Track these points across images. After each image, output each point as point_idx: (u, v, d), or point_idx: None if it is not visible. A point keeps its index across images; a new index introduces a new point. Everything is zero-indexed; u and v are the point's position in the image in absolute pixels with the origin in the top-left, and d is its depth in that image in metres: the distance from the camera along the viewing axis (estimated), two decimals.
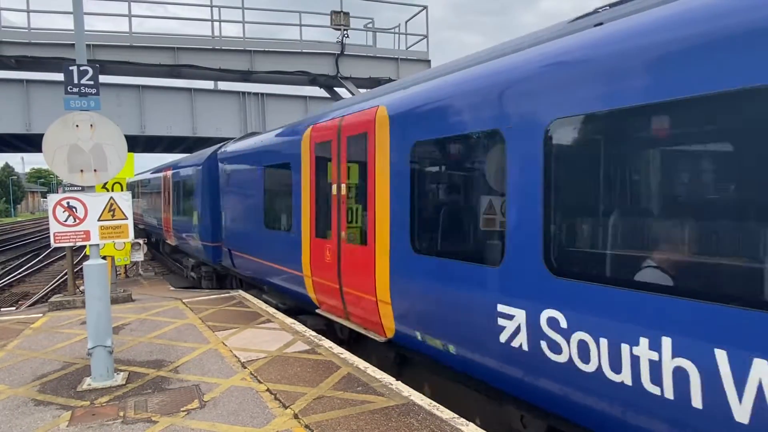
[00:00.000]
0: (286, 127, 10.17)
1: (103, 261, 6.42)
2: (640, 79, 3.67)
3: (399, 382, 5.97)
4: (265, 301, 10.79)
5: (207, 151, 15.03)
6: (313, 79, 21.15)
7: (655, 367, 3.47)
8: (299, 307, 9.63)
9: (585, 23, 4.62)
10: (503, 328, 4.64)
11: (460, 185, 5.65)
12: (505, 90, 4.76)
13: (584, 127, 4.16)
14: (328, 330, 8.74)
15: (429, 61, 21.86)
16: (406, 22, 21.43)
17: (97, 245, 6.39)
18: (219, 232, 13.57)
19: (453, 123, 5.41)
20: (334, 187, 7.60)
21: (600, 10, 4.70)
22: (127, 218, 6.40)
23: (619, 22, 4.09)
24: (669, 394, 3.41)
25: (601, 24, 4.34)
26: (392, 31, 21.86)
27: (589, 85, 4.02)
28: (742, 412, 3.04)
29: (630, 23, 3.95)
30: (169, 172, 19.36)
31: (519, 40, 5.49)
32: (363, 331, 7.17)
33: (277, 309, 9.96)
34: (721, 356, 3.15)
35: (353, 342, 8.19)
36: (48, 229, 6.81)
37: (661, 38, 3.58)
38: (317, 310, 8.51)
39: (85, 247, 7.22)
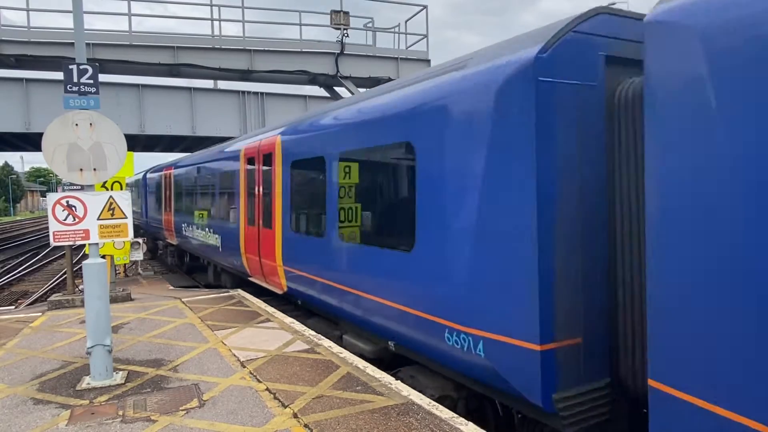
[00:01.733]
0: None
1: (103, 260, 6.41)
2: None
3: (398, 381, 5.97)
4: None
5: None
6: (312, 79, 21.14)
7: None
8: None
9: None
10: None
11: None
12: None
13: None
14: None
15: (429, 61, 21.86)
16: (406, 22, 21.43)
17: (97, 244, 6.39)
18: None
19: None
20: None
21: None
22: (126, 217, 6.40)
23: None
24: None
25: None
26: (392, 30, 21.86)
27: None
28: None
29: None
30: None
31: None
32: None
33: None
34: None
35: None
36: (47, 228, 6.80)
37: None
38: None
39: (84, 246, 7.20)
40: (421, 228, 5.51)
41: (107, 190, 10.31)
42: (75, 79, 6.16)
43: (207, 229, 14.15)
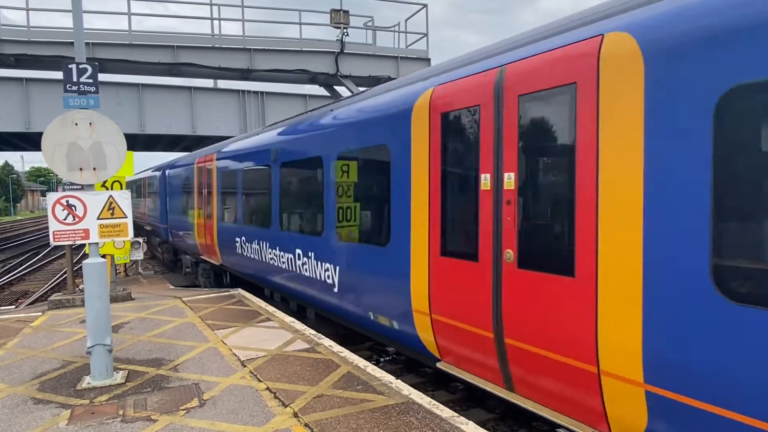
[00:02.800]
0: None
1: (103, 259, 6.41)
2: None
3: (399, 380, 5.97)
4: None
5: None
6: (312, 78, 21.13)
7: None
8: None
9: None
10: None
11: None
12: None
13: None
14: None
15: (429, 60, 21.85)
16: (406, 21, 21.41)
17: (97, 244, 6.38)
18: None
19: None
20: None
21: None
22: (126, 216, 6.39)
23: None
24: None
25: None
26: (392, 29, 21.85)
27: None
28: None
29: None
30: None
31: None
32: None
33: None
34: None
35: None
36: (47, 227, 6.81)
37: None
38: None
39: (84, 245, 7.20)
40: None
41: (107, 189, 10.31)
42: (74, 79, 6.15)
43: (306, 249, 8.71)
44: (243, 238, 11.63)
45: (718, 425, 3.30)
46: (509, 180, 4.77)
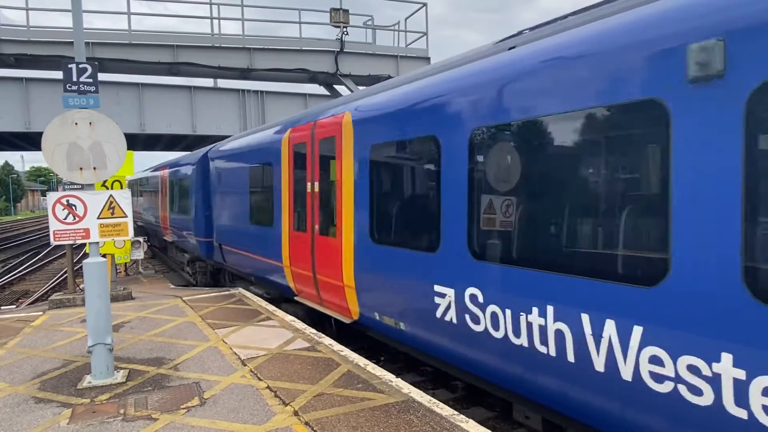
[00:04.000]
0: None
1: (103, 259, 6.42)
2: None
3: (399, 379, 5.98)
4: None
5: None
6: (312, 77, 21.13)
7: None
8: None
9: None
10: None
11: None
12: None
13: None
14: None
15: (428, 59, 21.85)
16: (406, 20, 21.41)
17: (97, 243, 6.39)
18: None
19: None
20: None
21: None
22: (126, 216, 6.40)
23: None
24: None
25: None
26: (392, 28, 21.85)
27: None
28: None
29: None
30: None
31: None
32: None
33: None
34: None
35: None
36: (48, 227, 6.80)
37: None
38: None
39: (85, 245, 7.21)
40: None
41: (107, 189, 10.33)
42: (74, 78, 6.16)
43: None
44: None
45: None
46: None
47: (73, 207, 6.16)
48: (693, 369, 3.31)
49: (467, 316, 5.07)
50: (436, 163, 5.57)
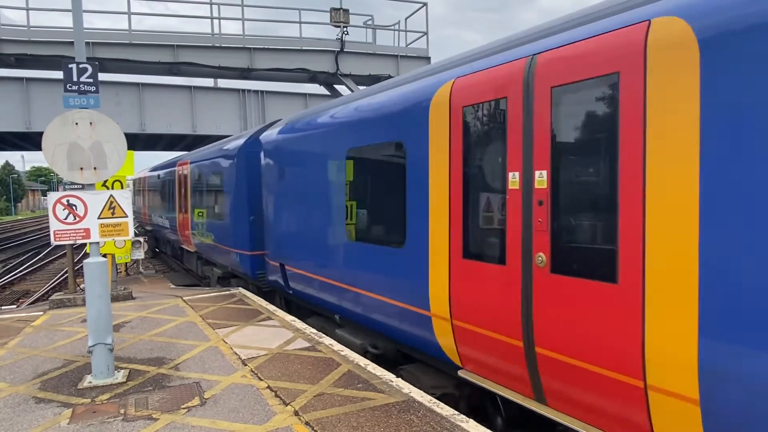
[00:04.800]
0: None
1: (104, 259, 6.42)
2: None
3: (399, 379, 5.98)
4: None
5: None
6: (312, 77, 21.12)
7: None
8: None
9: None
10: None
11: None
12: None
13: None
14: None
15: (429, 58, 21.85)
16: (406, 19, 21.40)
17: (98, 243, 6.39)
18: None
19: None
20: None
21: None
22: (127, 216, 6.40)
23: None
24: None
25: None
26: (392, 28, 21.83)
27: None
28: None
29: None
30: None
31: None
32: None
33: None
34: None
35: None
36: (48, 227, 6.80)
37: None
38: None
39: (85, 245, 7.21)
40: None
41: (108, 189, 10.33)
42: (75, 78, 6.16)
43: None
44: None
45: None
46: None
47: (74, 207, 6.16)
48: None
49: None
50: None
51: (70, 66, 6.16)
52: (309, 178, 8.54)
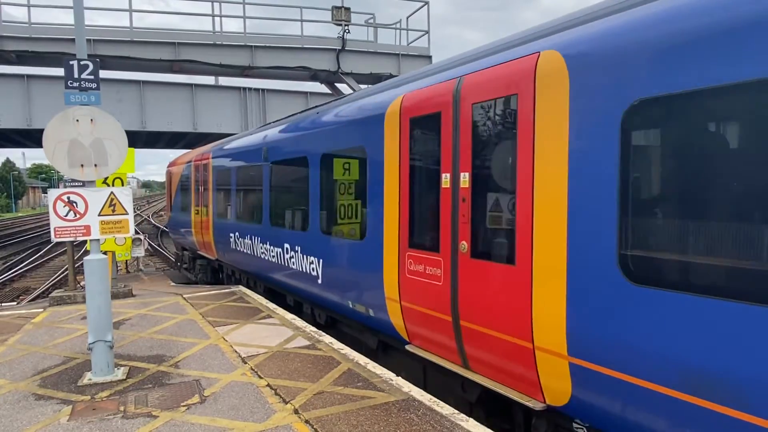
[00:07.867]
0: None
1: (104, 256, 6.41)
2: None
3: (399, 378, 5.98)
4: None
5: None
6: (313, 75, 21.12)
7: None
8: None
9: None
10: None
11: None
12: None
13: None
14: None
15: (430, 57, 21.84)
16: (407, 18, 21.39)
17: (98, 240, 6.39)
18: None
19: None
20: None
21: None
22: (127, 213, 6.40)
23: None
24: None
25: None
26: (393, 26, 21.82)
27: None
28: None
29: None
30: None
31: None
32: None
33: None
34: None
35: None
36: (49, 224, 6.79)
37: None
38: None
39: (86, 242, 7.20)
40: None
41: (108, 186, 10.31)
42: (76, 75, 6.15)
43: None
44: None
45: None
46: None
47: (74, 204, 6.16)
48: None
49: None
50: None
51: (71, 63, 6.15)
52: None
